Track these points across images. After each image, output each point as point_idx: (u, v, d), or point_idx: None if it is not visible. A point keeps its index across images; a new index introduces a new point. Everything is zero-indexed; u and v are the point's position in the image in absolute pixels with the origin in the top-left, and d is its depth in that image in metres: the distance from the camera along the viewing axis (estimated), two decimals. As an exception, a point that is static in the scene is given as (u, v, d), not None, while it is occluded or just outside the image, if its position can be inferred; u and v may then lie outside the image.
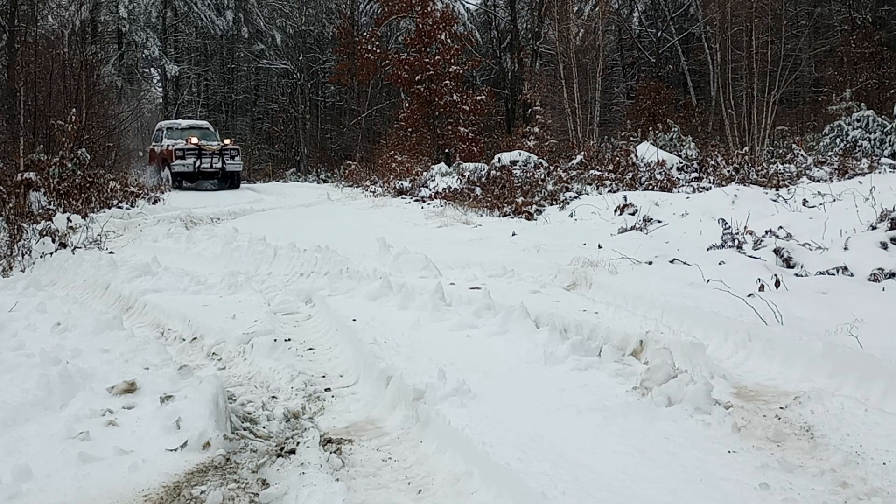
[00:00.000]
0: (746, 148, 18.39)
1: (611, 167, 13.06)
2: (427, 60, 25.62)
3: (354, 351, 3.46)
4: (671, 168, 12.59)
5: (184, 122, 21.57)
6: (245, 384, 3.17)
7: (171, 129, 20.55)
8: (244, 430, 2.60)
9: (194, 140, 19.20)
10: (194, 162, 18.75)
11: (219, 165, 19.00)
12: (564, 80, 24.44)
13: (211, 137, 20.14)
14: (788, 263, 5.06)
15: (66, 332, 3.75)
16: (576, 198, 10.60)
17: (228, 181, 20.04)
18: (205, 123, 22.17)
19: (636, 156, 13.57)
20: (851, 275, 4.66)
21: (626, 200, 8.64)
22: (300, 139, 33.26)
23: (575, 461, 2.12)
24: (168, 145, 19.44)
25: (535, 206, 10.37)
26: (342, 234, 8.17)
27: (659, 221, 7.45)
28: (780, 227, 6.03)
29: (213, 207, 13.17)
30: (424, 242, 6.92)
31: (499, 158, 16.29)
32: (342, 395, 3.05)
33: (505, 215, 10.13)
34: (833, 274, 4.69)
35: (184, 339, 3.93)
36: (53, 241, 7.54)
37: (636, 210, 8.13)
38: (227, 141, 20.30)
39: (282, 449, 2.45)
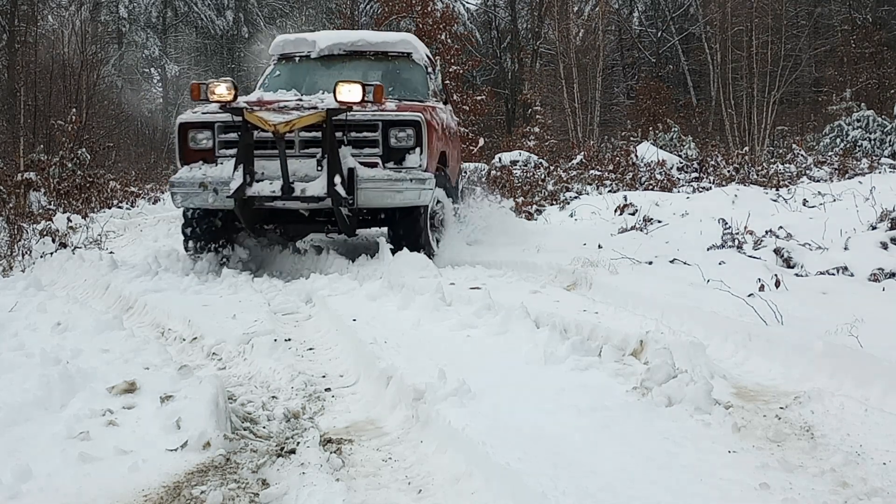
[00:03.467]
0: (746, 148, 18.38)
1: (611, 167, 13.08)
2: (427, 60, 25.61)
3: (354, 351, 3.45)
4: (671, 168, 12.61)
5: (323, 38, 7.02)
6: (245, 384, 3.17)
7: (288, 66, 6.97)
8: (244, 430, 2.59)
9: (263, 98, 5.58)
10: (235, 176, 5.23)
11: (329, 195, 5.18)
12: (564, 80, 24.45)
13: (405, 80, 6.85)
14: (788, 263, 5.07)
15: (66, 332, 3.75)
16: (576, 198, 10.62)
17: (399, 235, 5.87)
18: (396, 38, 7.29)
19: (636, 156, 13.60)
20: (851, 275, 4.66)
21: (626, 200, 8.64)
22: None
23: (575, 461, 2.12)
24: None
25: (535, 206, 10.38)
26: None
27: (659, 221, 7.45)
28: (780, 227, 6.04)
29: (213, 207, 13.11)
30: (424, 242, 6.90)
31: (499, 158, 16.32)
32: (342, 395, 3.04)
33: (505, 215, 10.12)
34: (833, 274, 4.69)
35: (184, 339, 3.93)
36: (53, 241, 7.54)
37: (636, 210, 8.14)
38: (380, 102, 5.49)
39: (282, 449, 2.45)
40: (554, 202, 10.67)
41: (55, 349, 3.28)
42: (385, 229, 6.38)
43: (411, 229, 5.86)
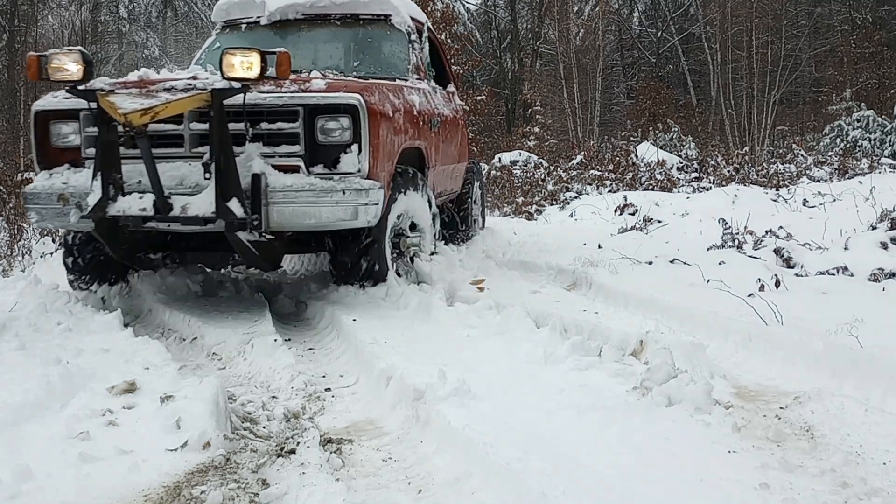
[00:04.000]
0: (746, 148, 18.40)
1: (611, 167, 13.08)
2: (427, 60, 25.59)
3: (354, 351, 3.46)
4: (671, 168, 12.63)
5: None
6: (245, 384, 3.17)
7: (232, 35, 5.45)
8: (244, 430, 2.60)
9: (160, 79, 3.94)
10: (93, 187, 3.81)
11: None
12: (564, 80, 24.45)
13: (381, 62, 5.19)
14: (788, 263, 5.07)
15: (66, 332, 3.75)
16: (576, 198, 10.62)
17: (338, 264, 4.38)
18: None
19: (636, 156, 13.62)
20: (851, 275, 4.67)
21: (626, 200, 8.65)
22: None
23: (575, 461, 2.12)
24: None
25: (535, 206, 10.39)
26: (342, 234, 8.13)
27: (659, 221, 7.45)
28: (781, 227, 6.04)
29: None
30: (424, 242, 6.89)
31: (499, 158, 16.32)
32: (342, 395, 3.05)
33: (505, 215, 10.14)
34: (833, 274, 4.70)
35: (184, 339, 3.93)
36: (53, 241, 7.54)
37: (636, 210, 8.14)
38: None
39: (282, 449, 2.45)
40: (554, 202, 10.68)
41: (55, 349, 3.28)
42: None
43: (352, 257, 4.29)
